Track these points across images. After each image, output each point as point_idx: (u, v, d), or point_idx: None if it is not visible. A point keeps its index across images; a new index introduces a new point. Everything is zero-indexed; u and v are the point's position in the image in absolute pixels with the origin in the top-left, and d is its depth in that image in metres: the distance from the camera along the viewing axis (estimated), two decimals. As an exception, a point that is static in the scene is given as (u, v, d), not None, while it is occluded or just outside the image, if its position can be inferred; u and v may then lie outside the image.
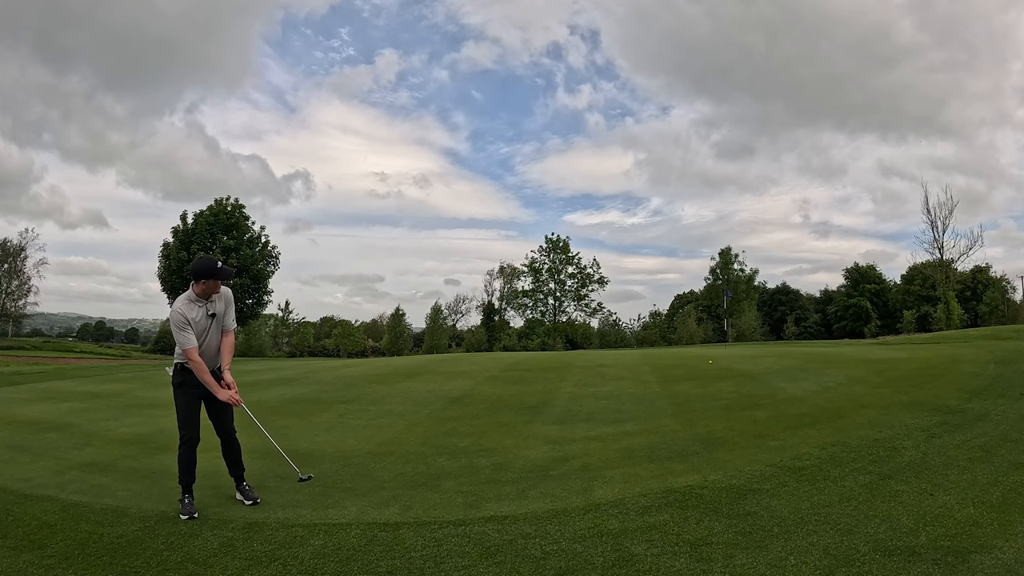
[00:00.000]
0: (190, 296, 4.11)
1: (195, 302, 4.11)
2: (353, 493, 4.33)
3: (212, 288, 4.10)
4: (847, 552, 2.88)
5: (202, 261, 4.11)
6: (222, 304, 4.22)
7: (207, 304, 4.13)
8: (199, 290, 4.09)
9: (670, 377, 9.99)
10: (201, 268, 4.09)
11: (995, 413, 5.75)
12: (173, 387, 4.21)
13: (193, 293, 4.11)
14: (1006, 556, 2.75)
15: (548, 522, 3.53)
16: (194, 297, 4.11)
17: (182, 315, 4.03)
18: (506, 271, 60.96)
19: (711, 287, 62.54)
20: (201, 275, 4.07)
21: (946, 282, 44.94)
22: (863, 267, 67.44)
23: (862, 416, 6.02)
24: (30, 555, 3.25)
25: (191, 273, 4.16)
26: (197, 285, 4.09)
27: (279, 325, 68.89)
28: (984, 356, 10.23)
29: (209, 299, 4.13)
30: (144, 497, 4.36)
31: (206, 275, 4.06)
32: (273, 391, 10.68)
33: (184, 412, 4.11)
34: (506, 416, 7.29)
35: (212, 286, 4.09)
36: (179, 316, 4.02)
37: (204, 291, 4.09)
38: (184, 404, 4.12)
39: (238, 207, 43.47)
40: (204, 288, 4.08)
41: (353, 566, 3.03)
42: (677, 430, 5.98)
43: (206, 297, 4.12)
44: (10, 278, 50.14)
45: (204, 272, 4.06)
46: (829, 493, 3.76)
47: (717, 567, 2.81)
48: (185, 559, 3.16)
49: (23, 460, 5.67)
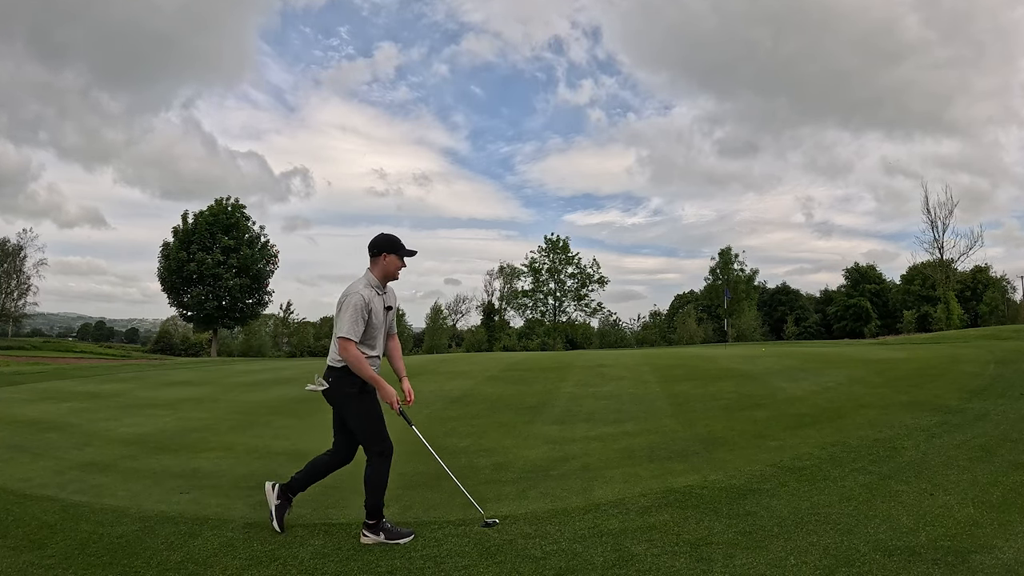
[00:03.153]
0: (370, 281, 3.47)
1: (375, 288, 3.47)
2: (353, 493, 4.32)
3: (394, 269, 3.51)
4: (847, 552, 2.88)
5: (385, 234, 3.51)
6: (392, 299, 3.64)
7: (384, 295, 3.54)
8: (380, 272, 3.49)
9: (670, 377, 9.98)
10: (384, 241, 3.48)
11: (995, 413, 5.75)
12: (347, 396, 3.42)
13: (373, 277, 3.49)
14: (1006, 556, 2.75)
15: (548, 522, 3.53)
16: (375, 283, 3.48)
17: (365, 300, 3.36)
18: (506, 271, 60.91)
19: (711, 287, 62.47)
20: (384, 248, 3.46)
21: (946, 282, 44.93)
22: (863, 267, 67.46)
23: (862, 416, 6.02)
24: (30, 555, 3.25)
25: (373, 247, 3.49)
26: (377, 265, 3.49)
27: (279, 325, 68.91)
28: (984, 356, 10.23)
29: (385, 288, 3.56)
30: (144, 497, 4.36)
31: (390, 249, 3.46)
32: (273, 391, 10.68)
33: (375, 419, 3.43)
34: (506, 416, 7.29)
35: (394, 266, 3.50)
36: (361, 300, 3.34)
37: (385, 272, 3.49)
38: (372, 410, 3.44)
39: (238, 207, 43.52)
40: (385, 268, 3.48)
41: (353, 566, 3.03)
42: (677, 430, 5.98)
43: (387, 281, 3.55)
44: (9, 278, 50.12)
45: (388, 245, 3.46)
46: (829, 493, 3.76)
47: (717, 567, 2.81)
48: (185, 559, 3.16)
49: (23, 460, 5.67)
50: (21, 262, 50.63)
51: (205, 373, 15.63)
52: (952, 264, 45.10)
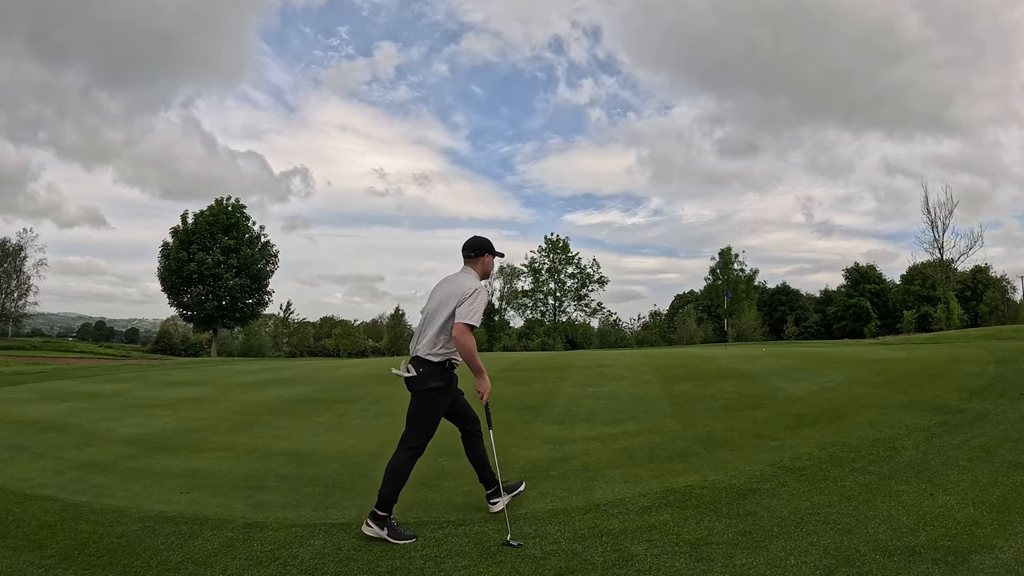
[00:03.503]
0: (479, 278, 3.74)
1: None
2: (353, 493, 4.33)
3: (492, 268, 3.83)
4: (847, 552, 2.88)
5: (483, 237, 3.80)
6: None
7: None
8: (481, 270, 3.75)
9: (670, 377, 9.98)
10: (486, 243, 3.78)
11: (995, 413, 5.75)
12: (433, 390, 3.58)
13: (477, 274, 3.73)
14: (1006, 556, 2.75)
15: (548, 522, 3.53)
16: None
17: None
18: (506, 271, 60.90)
19: (711, 287, 62.48)
20: (486, 249, 3.75)
21: (946, 282, 44.93)
22: (863, 267, 67.49)
23: (862, 416, 6.02)
24: (30, 555, 3.25)
25: (475, 249, 3.75)
26: (478, 264, 3.74)
27: (279, 325, 68.92)
28: (984, 356, 10.23)
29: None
30: (144, 497, 4.35)
31: (491, 250, 3.77)
32: (273, 391, 10.67)
33: (435, 421, 3.60)
34: (506, 416, 7.28)
35: (492, 265, 3.82)
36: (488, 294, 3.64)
37: (486, 271, 3.77)
38: (439, 411, 3.62)
39: (238, 207, 43.53)
40: (486, 267, 3.77)
41: (353, 566, 3.03)
42: (677, 430, 5.98)
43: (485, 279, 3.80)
44: (9, 278, 50.11)
45: (489, 247, 3.77)
46: (829, 493, 3.76)
47: (717, 567, 2.81)
48: (185, 559, 3.16)
49: (23, 460, 5.66)
50: (21, 262, 50.65)
51: (205, 373, 15.63)
52: (952, 264, 45.11)
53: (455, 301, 3.51)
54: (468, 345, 3.44)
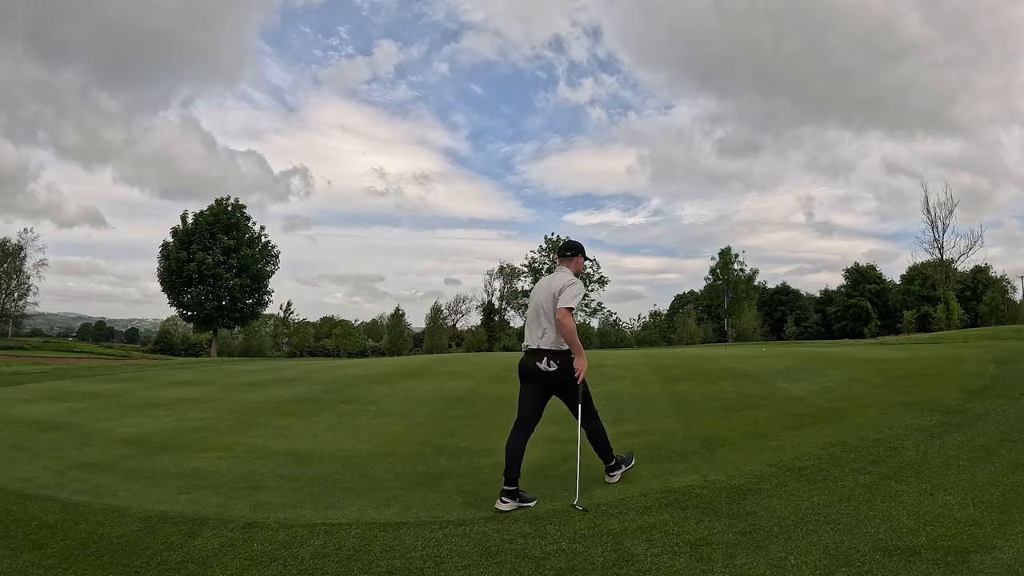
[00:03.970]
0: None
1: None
2: (353, 493, 4.33)
3: (582, 268, 4.34)
4: (847, 552, 2.88)
5: (576, 241, 4.34)
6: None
7: None
8: (574, 269, 4.24)
9: (670, 377, 9.98)
10: (580, 245, 4.32)
11: (995, 413, 5.75)
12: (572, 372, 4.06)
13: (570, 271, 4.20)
14: (1006, 556, 2.75)
15: (548, 522, 3.53)
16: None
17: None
18: (506, 271, 60.98)
19: (711, 287, 62.49)
20: (580, 251, 4.30)
21: (946, 282, 44.94)
22: (863, 267, 67.53)
23: (862, 416, 6.01)
24: (30, 555, 3.25)
25: (570, 249, 4.30)
26: (572, 264, 4.24)
27: (279, 325, 68.90)
28: (984, 356, 10.23)
29: None
30: (144, 497, 4.35)
31: (583, 252, 4.31)
32: (273, 391, 10.67)
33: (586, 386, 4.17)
34: (506, 416, 7.27)
35: (582, 265, 4.32)
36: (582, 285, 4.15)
37: (578, 270, 4.26)
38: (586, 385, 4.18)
39: (238, 207, 43.52)
40: (578, 266, 4.27)
41: (353, 566, 3.03)
42: (677, 430, 5.98)
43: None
44: (9, 278, 50.11)
45: (582, 249, 4.31)
46: (829, 493, 3.76)
47: (717, 567, 2.80)
48: (185, 559, 3.16)
49: (23, 460, 5.67)
50: (21, 262, 50.66)
51: (205, 373, 15.63)
52: (952, 264, 45.14)
53: (557, 292, 3.99)
54: (569, 326, 3.91)
